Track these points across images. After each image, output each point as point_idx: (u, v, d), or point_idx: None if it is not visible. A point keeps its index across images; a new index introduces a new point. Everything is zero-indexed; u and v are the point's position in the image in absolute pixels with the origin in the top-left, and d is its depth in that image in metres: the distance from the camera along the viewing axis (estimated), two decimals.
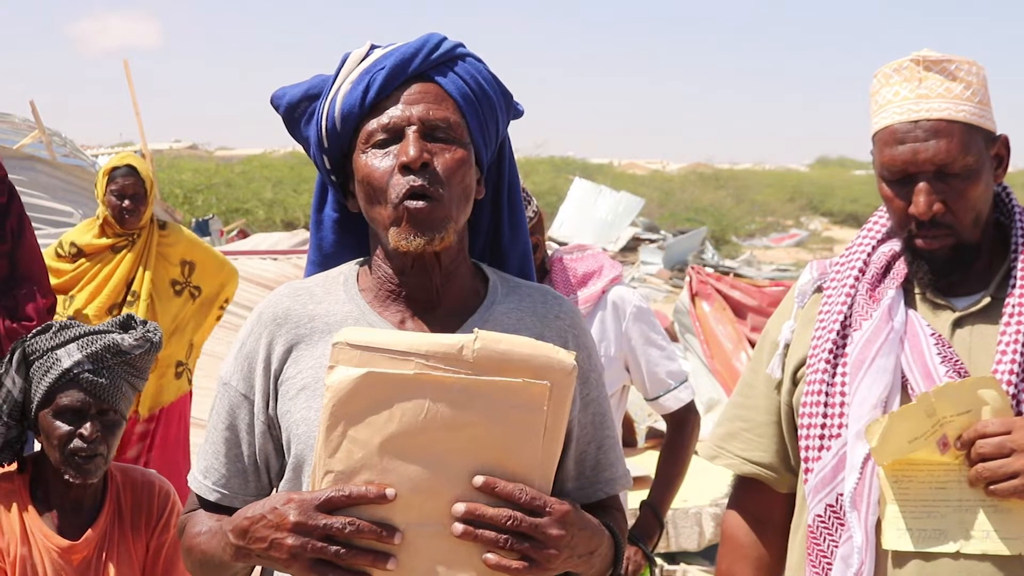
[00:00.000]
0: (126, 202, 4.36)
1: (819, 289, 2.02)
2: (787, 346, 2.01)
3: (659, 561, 3.11)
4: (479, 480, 1.46)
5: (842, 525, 1.86)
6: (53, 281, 4.29)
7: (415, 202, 1.60)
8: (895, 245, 1.97)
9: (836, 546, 1.86)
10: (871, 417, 1.82)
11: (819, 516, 1.89)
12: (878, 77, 1.92)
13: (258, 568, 1.74)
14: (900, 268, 1.94)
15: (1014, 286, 1.87)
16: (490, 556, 1.46)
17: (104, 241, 4.42)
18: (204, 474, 1.72)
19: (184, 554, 1.73)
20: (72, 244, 4.43)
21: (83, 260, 4.41)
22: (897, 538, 1.78)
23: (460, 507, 1.45)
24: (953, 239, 1.86)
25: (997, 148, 1.91)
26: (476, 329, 1.49)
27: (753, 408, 2.07)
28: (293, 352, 1.67)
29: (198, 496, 1.74)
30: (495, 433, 1.46)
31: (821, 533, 1.89)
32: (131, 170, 4.37)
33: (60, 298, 4.31)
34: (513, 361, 1.46)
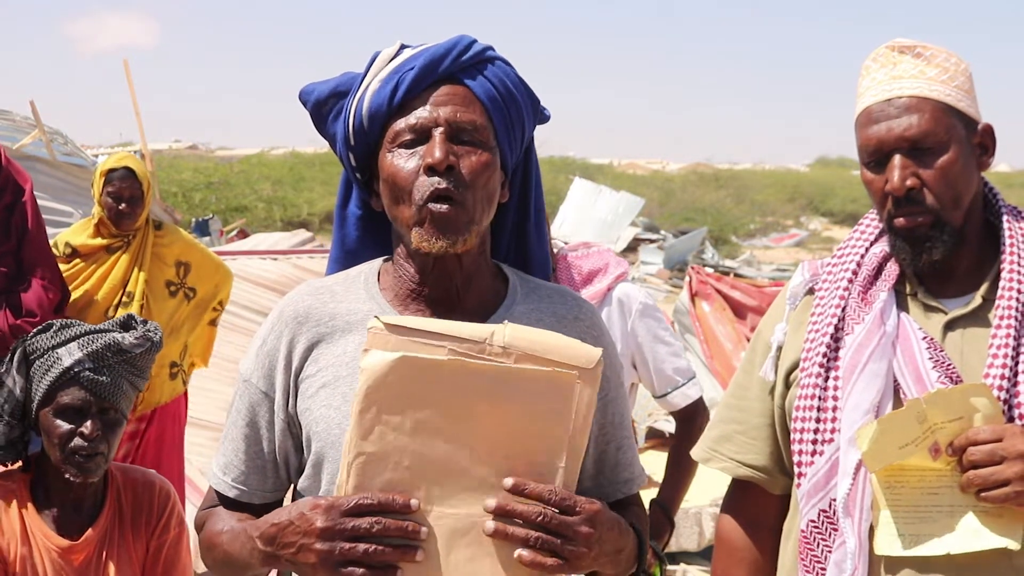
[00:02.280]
0: (122, 205, 4.34)
1: (811, 291, 2.02)
2: (779, 348, 2.01)
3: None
4: (508, 482, 1.47)
5: (835, 530, 1.85)
6: None
7: (439, 205, 1.61)
8: (886, 245, 1.96)
9: (830, 551, 1.86)
10: (864, 422, 1.81)
11: (812, 521, 1.88)
12: (860, 71, 1.95)
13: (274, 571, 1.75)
14: (892, 269, 1.94)
15: (1004, 288, 1.86)
16: (524, 553, 1.46)
17: (99, 241, 4.41)
18: (223, 471, 1.74)
19: (204, 550, 1.75)
20: (67, 244, 4.42)
21: (78, 260, 4.40)
22: (890, 543, 1.78)
23: (491, 503, 1.47)
24: (930, 216, 1.86)
25: (980, 137, 1.91)
26: (505, 320, 1.51)
27: (747, 410, 2.06)
28: (314, 350, 1.69)
29: (217, 492, 1.76)
30: (525, 420, 1.48)
31: (814, 538, 1.88)
32: (128, 172, 4.34)
33: None
34: (541, 351, 1.48)
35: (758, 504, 2.07)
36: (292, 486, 1.77)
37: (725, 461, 2.08)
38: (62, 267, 4.32)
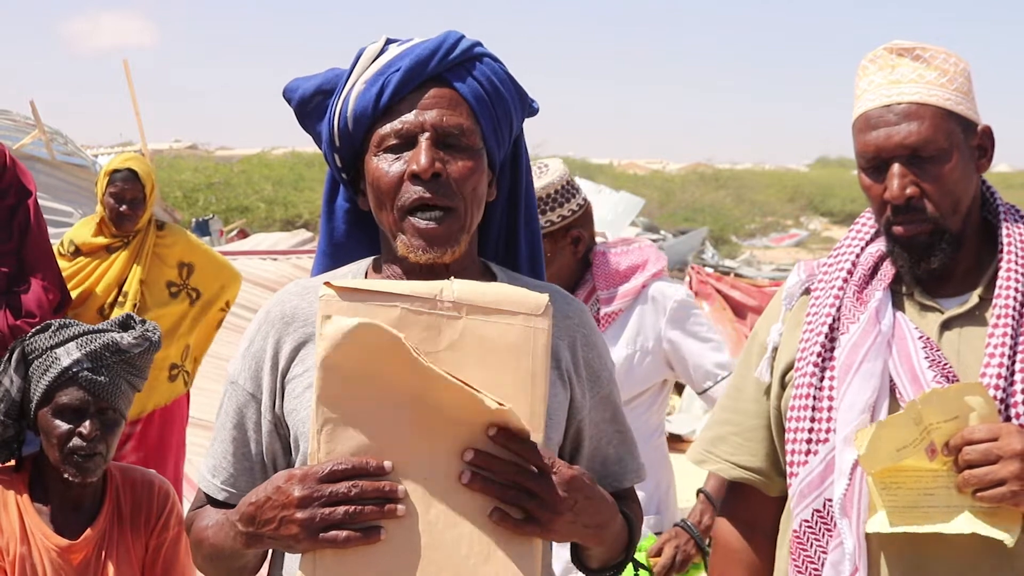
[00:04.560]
0: (123, 207, 4.36)
1: (807, 291, 2.00)
2: (775, 349, 1.99)
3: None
4: (492, 431, 1.46)
5: (829, 531, 1.84)
6: None
7: (426, 222, 1.61)
8: (882, 245, 1.95)
9: (824, 552, 1.85)
10: (859, 422, 1.81)
11: (806, 521, 1.87)
12: (857, 71, 1.92)
13: (266, 565, 1.74)
14: (888, 269, 1.93)
15: (1001, 287, 1.85)
16: (494, 516, 1.46)
17: (101, 240, 4.43)
18: (212, 473, 1.73)
19: (193, 549, 1.74)
20: (71, 242, 4.44)
21: (81, 258, 4.41)
22: (878, 526, 1.77)
23: (469, 454, 1.45)
24: (930, 225, 1.85)
25: (979, 139, 1.89)
26: (452, 276, 1.51)
27: (742, 412, 2.05)
28: (301, 351, 1.67)
29: (206, 495, 1.74)
30: (484, 370, 1.48)
31: (808, 538, 1.87)
32: (131, 174, 4.35)
33: None
34: (490, 302, 1.50)
35: (754, 506, 2.06)
36: None
37: (720, 463, 2.06)
38: (65, 264, 4.37)
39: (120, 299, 4.39)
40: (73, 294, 4.32)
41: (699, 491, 3.12)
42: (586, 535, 1.56)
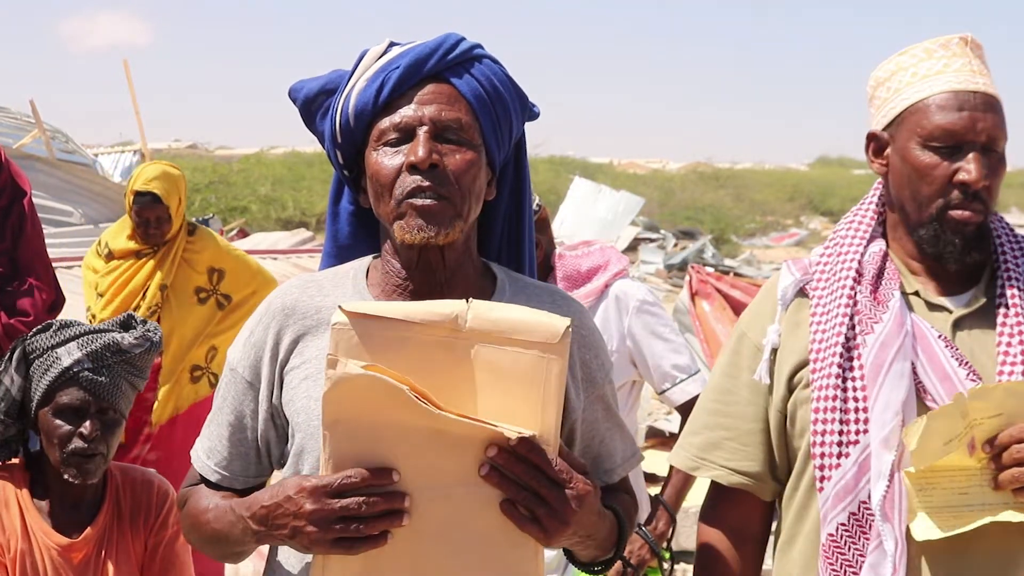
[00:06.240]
0: (149, 227, 4.38)
1: (801, 291, 1.97)
2: (774, 351, 1.95)
3: (668, 555, 3.06)
4: (515, 440, 1.46)
5: (865, 534, 1.81)
6: (89, 277, 4.36)
7: (422, 200, 1.63)
8: (882, 244, 1.94)
9: (862, 556, 1.82)
10: (894, 423, 1.79)
11: (843, 524, 1.83)
12: (913, 53, 1.90)
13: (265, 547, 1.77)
14: (892, 268, 1.92)
15: (1003, 286, 1.86)
16: (503, 504, 1.48)
17: (132, 246, 4.46)
18: (207, 454, 1.78)
19: (188, 528, 1.79)
20: (105, 244, 4.48)
21: (114, 261, 4.46)
22: (927, 531, 1.77)
23: (492, 450, 1.47)
24: (983, 217, 1.85)
25: None
26: (468, 298, 1.51)
27: (736, 416, 1.99)
28: (299, 343, 1.71)
29: (200, 475, 1.79)
30: (494, 401, 1.49)
31: (845, 542, 1.83)
32: (154, 199, 4.33)
33: (93, 297, 4.38)
34: (506, 330, 1.49)
35: (744, 512, 2.02)
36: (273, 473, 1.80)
37: (716, 469, 2.01)
38: (100, 265, 4.44)
39: (139, 302, 4.40)
40: (96, 299, 4.36)
41: (656, 497, 3.15)
42: (574, 543, 1.61)
